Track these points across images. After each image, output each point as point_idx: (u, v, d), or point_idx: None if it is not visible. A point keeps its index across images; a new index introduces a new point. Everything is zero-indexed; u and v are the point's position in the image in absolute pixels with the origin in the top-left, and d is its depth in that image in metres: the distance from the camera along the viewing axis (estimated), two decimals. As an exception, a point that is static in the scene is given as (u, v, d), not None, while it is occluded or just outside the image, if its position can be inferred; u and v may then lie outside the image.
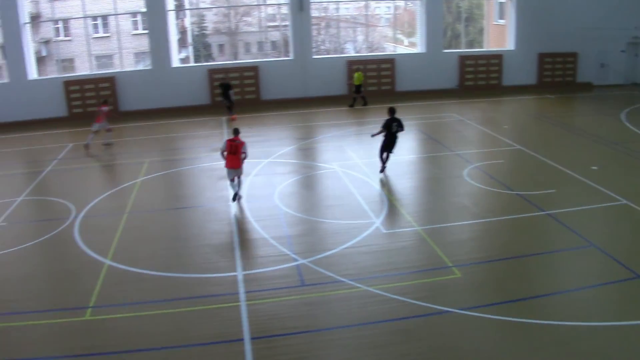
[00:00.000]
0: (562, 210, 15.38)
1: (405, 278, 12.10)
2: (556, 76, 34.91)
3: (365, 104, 29.79)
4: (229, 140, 16.11)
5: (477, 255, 13.15)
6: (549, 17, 33.43)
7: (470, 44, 38.88)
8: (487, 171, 18.98)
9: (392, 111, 18.72)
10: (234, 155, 15.90)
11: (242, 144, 16.04)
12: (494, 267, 12.62)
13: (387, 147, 18.57)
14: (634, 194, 16.47)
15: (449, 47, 38.64)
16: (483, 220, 15.12)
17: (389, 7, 45.93)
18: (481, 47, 37.36)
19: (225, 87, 27.79)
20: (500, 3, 35.82)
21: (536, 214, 15.31)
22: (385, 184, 17.95)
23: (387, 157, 18.78)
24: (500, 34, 35.96)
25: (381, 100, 29.66)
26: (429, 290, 11.53)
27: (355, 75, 29.57)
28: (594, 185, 17.36)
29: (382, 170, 18.77)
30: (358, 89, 29.64)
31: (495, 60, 33.91)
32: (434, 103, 30.53)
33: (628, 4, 34.21)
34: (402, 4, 46.30)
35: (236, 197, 16.33)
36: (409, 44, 42.49)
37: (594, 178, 17.92)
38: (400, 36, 43.77)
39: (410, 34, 42.56)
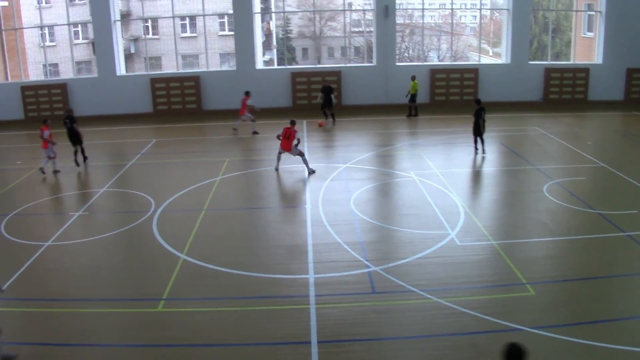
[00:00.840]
0: (645, 233, 14.98)
1: (477, 292, 12.07)
2: (646, 93, 33.76)
3: (415, 114, 29.54)
4: (286, 128, 19.83)
5: (552, 273, 12.96)
6: (639, 31, 32.39)
7: (557, 56, 38.10)
8: (568, 188, 18.63)
9: (478, 102, 22.80)
10: (287, 140, 19.65)
11: (295, 132, 19.67)
12: (569, 287, 12.40)
13: (476, 132, 22.26)
14: None
15: (535, 58, 37.98)
16: (561, 238, 14.88)
17: (474, 16, 45.57)
18: (568, 59, 36.55)
19: (327, 91, 28.17)
20: (589, 15, 34.93)
21: (617, 234, 14.94)
22: (462, 196, 17.86)
23: (482, 141, 22.38)
24: (588, 47, 35.04)
25: (464, 111, 29.43)
26: (500, 306, 11.43)
27: (411, 83, 29.34)
28: (681, 208, 16.81)
29: (482, 151, 22.49)
30: (413, 98, 29.38)
31: (581, 73, 33.07)
32: (516, 115, 30.05)
33: None
34: (488, 13, 45.85)
35: (310, 171, 19.82)
36: (493, 54, 42.01)
37: (680, 201, 17.35)
38: (485, 46, 43.29)
39: (495, 44, 42.11)
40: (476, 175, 20.32)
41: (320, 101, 28.20)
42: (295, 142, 19.77)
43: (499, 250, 14.02)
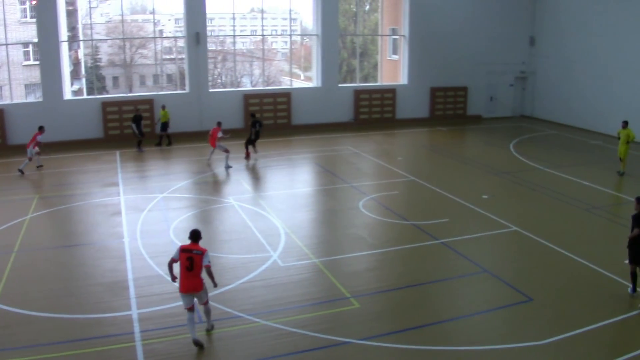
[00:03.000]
0: (456, 238, 15.79)
1: (304, 310, 11.97)
2: (448, 109, 36.28)
3: (168, 143, 29.28)
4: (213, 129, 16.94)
5: (375, 285, 13.20)
6: (440, 53, 34.94)
7: (365, 79, 39.72)
8: (382, 202, 19.24)
9: (252, 115, 26.23)
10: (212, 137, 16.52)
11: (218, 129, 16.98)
12: (392, 296, 12.70)
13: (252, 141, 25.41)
14: (522, 220, 17.18)
15: (345, 81, 39.35)
16: (380, 250, 15.26)
17: (285, 42, 46.45)
18: (375, 81, 38.24)
19: (137, 119, 27.28)
20: (394, 39, 36.86)
21: (431, 242, 15.62)
22: (282, 217, 17.81)
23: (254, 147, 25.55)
24: (394, 68, 36.95)
25: (278, 134, 29.99)
26: (328, 322, 11.44)
27: (162, 112, 29.05)
28: (485, 213, 17.95)
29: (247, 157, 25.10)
30: (164, 126, 29.04)
31: (389, 94, 34.75)
32: (329, 136, 30.82)
33: (515, 41, 36.27)
34: (298, 38, 46.95)
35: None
36: (305, 78, 42.97)
37: (485, 206, 18.54)
38: (296, 70, 44.21)
39: (306, 68, 43.10)
40: (294, 196, 20.39)
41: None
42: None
43: (322, 267, 14.08)
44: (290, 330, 11.12)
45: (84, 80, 44.38)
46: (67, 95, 30.34)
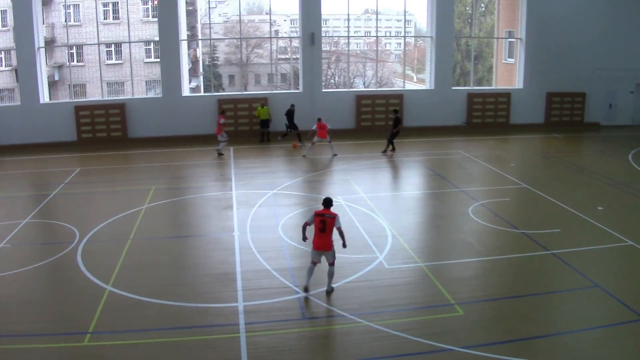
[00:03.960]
0: (567, 250, 15.30)
1: (407, 314, 12.00)
2: (564, 115, 34.99)
3: (266, 139, 30.14)
4: (318, 123, 16.57)
5: (480, 293, 13.04)
6: (558, 57, 33.69)
7: (479, 82, 39.08)
8: (492, 209, 18.92)
9: (396, 111, 27.14)
10: (322, 129, 15.98)
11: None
12: (498, 306, 12.50)
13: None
14: (639, 235, 16.38)
15: (458, 84, 38.87)
16: (487, 258, 15.04)
17: (399, 43, 46.39)
18: (490, 85, 37.53)
19: (289, 113, 28.66)
20: (510, 42, 36.05)
21: (541, 253, 15.22)
22: (389, 219, 17.87)
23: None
24: (509, 72, 36.14)
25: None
26: (430, 328, 11.41)
27: (259, 110, 29.78)
28: (599, 225, 17.28)
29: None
30: (265, 123, 29.80)
31: (503, 98, 34.03)
32: (441, 140, 30.54)
33: (636, 46, 34.41)
34: (412, 40, 46.77)
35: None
36: (417, 80, 42.76)
37: (599, 218, 17.85)
38: (409, 72, 44.05)
39: (419, 70, 42.88)
40: (403, 198, 20.42)
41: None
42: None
43: (427, 271, 14.04)
44: (392, 332, 11.18)
45: (201, 78, 46.08)
46: (186, 92, 31.64)
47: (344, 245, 12.88)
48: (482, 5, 43.30)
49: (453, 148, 28.65)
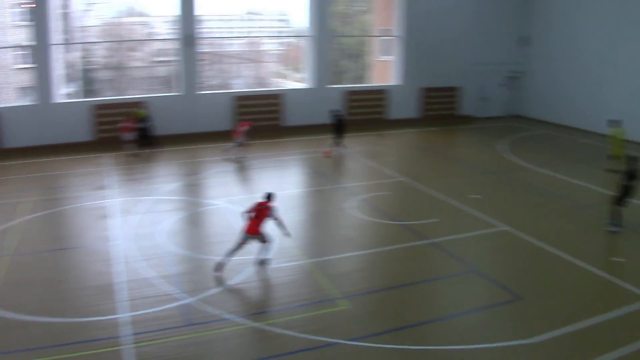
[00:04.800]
0: (445, 238, 15.81)
1: (293, 312, 11.96)
2: (440, 109, 36.24)
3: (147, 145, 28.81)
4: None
5: (364, 285, 13.20)
6: (433, 54, 34.87)
7: (357, 80, 39.69)
8: (372, 203, 19.23)
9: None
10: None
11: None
12: (382, 297, 12.71)
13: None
14: (512, 220, 17.20)
15: (340, 83, 39.30)
16: (369, 251, 15.27)
17: (279, 44, 46.41)
18: (367, 82, 38.23)
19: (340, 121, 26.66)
20: (385, 40, 36.88)
21: (421, 242, 15.63)
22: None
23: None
24: (385, 69, 36.94)
25: (269, 136, 30.24)
26: (317, 323, 11.44)
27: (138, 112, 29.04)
28: (476, 213, 17.97)
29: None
30: (143, 128, 28.63)
31: (380, 94, 34.74)
32: (321, 137, 30.71)
33: (506, 41, 36.29)
34: (292, 40, 46.93)
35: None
36: (296, 80, 42.91)
37: (475, 206, 18.57)
38: (288, 72, 44.16)
39: (298, 70, 43.04)
40: (284, 198, 20.36)
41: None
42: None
43: (312, 268, 14.05)
44: (279, 331, 11.11)
45: (76, 83, 44.24)
46: (58, 98, 30.17)
47: (286, 234, 14.23)
48: (362, 5, 44.11)
49: (332, 145, 28.84)
